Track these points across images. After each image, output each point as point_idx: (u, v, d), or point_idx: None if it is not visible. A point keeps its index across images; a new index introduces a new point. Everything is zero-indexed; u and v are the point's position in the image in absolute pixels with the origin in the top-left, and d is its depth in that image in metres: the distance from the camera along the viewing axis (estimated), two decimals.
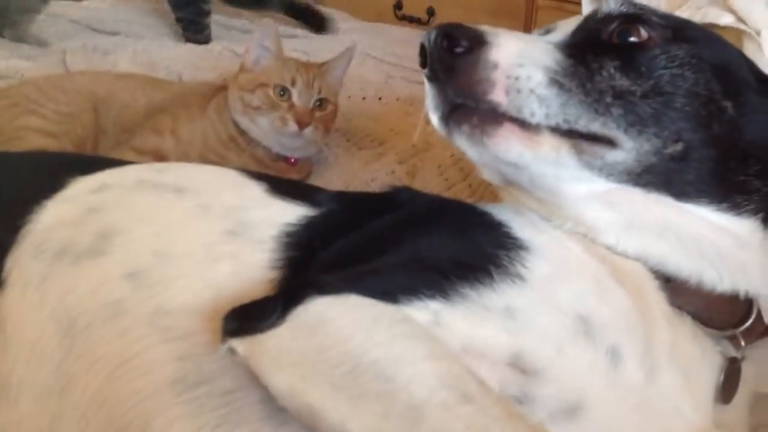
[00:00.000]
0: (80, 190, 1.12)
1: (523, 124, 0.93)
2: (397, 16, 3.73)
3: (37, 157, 1.43)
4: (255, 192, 1.15)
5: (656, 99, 0.96)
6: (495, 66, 0.93)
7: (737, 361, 1.00)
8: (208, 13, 2.87)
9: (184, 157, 1.81)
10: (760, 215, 1.01)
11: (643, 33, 1.00)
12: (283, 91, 1.82)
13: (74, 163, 1.29)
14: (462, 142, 0.97)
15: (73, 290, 0.98)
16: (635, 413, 0.91)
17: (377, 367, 0.79)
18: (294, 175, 1.91)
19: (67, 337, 0.95)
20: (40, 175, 1.20)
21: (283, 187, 1.16)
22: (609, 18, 1.02)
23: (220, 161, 1.83)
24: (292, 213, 1.09)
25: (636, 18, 1.01)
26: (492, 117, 0.94)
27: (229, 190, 1.15)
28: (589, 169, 0.96)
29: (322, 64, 1.96)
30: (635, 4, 1.04)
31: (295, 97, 1.81)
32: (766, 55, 1.33)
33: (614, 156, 0.96)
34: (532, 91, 0.93)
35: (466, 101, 0.95)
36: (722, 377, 0.99)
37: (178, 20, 2.89)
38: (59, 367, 0.94)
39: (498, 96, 0.93)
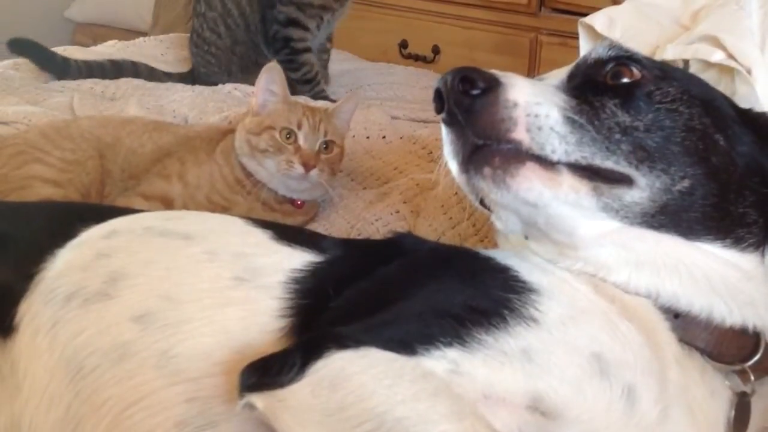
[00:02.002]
0: (90, 236, 1.14)
1: (543, 163, 0.94)
2: (402, 55, 3.77)
3: (52, 207, 1.45)
4: (261, 238, 1.15)
5: (658, 133, 0.99)
6: (515, 105, 0.94)
7: (747, 395, 1.00)
8: None
9: (191, 200, 1.82)
10: (761, 249, 1.03)
11: (636, 72, 1.03)
12: (290, 134, 1.82)
13: (88, 212, 1.30)
14: (484, 185, 0.97)
15: (81, 333, 0.99)
16: None
17: (401, 425, 0.78)
18: (300, 218, 1.92)
19: (75, 379, 0.96)
20: (55, 224, 1.21)
21: (288, 233, 1.17)
22: (601, 61, 1.05)
23: (226, 204, 1.84)
24: (298, 259, 1.10)
25: (628, 59, 1.04)
26: (514, 156, 0.94)
27: (236, 237, 1.15)
28: (606, 210, 0.97)
29: (328, 108, 1.97)
30: (623, 48, 1.07)
31: (301, 140, 1.82)
32: (758, 92, 1.34)
33: (632, 196, 0.97)
34: (551, 128, 0.94)
35: (488, 141, 0.95)
36: (733, 412, 0.99)
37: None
38: (68, 410, 0.95)
39: (520, 134, 0.94)
